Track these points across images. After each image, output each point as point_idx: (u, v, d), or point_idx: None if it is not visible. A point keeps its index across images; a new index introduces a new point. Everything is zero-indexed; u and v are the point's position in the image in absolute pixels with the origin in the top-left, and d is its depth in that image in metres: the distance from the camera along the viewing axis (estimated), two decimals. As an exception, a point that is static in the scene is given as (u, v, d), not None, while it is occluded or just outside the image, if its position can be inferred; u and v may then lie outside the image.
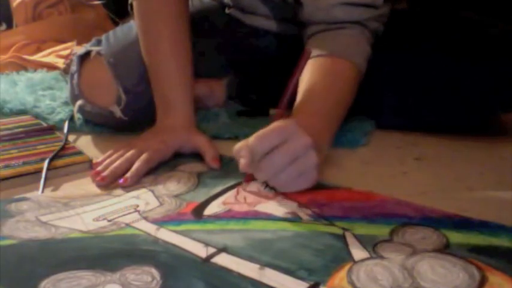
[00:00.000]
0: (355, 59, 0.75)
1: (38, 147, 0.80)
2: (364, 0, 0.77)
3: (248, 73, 0.98)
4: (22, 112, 1.00)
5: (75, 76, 0.86)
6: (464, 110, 0.81)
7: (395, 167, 0.72)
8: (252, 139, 0.57)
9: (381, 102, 0.86)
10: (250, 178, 0.63)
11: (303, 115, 0.66)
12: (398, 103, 0.85)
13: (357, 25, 0.78)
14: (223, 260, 0.48)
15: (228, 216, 0.57)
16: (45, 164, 0.71)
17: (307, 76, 0.73)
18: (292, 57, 0.86)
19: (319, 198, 0.59)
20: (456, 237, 0.50)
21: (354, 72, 0.75)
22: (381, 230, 0.52)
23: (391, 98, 0.85)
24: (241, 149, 0.58)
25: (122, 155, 0.70)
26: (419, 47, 0.85)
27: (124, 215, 0.58)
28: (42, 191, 0.66)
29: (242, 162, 0.58)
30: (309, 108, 0.68)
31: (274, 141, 0.56)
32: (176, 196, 0.63)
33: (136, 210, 0.59)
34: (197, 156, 0.75)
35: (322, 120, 0.67)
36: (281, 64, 0.97)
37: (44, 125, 0.92)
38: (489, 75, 0.79)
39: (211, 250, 0.49)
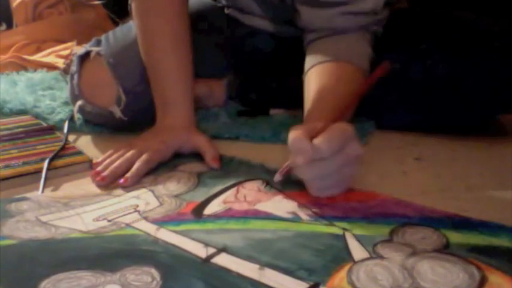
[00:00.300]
0: (360, 62, 0.75)
1: (38, 147, 0.80)
2: (364, 8, 0.77)
3: (248, 73, 0.98)
4: (22, 112, 1.00)
5: (75, 76, 0.86)
6: (464, 110, 0.81)
7: (396, 167, 0.72)
8: (320, 140, 0.54)
9: (381, 102, 0.86)
10: (287, 172, 0.60)
11: (317, 121, 0.65)
12: (399, 103, 0.85)
13: (357, 29, 0.78)
14: (223, 260, 0.48)
15: (228, 215, 0.57)
16: (45, 164, 0.71)
17: (316, 82, 0.72)
18: (291, 57, 0.87)
19: (319, 198, 0.59)
20: (456, 237, 0.50)
21: (359, 76, 0.74)
22: (381, 230, 0.52)
23: (391, 98, 0.85)
24: (299, 144, 0.55)
25: (122, 155, 0.70)
26: (419, 47, 0.85)
27: (124, 215, 0.58)
28: (42, 191, 0.66)
29: (299, 159, 0.55)
30: (321, 114, 0.66)
31: (337, 147, 0.55)
32: (176, 196, 0.63)
33: (136, 210, 0.59)
34: (197, 156, 0.75)
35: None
36: (281, 64, 0.98)
37: (44, 125, 0.92)
38: (489, 75, 0.79)
39: (211, 250, 0.49)
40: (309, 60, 0.77)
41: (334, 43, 0.77)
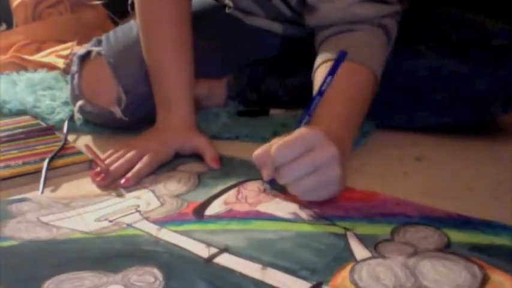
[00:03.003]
0: (375, 67, 0.73)
1: (38, 147, 0.80)
2: None
3: (248, 73, 0.98)
4: (22, 112, 1.00)
5: (76, 76, 0.86)
6: (464, 109, 0.81)
7: (396, 167, 0.72)
8: (274, 149, 0.54)
9: (381, 102, 0.86)
10: (272, 180, 0.60)
11: (327, 121, 0.64)
12: (398, 103, 0.85)
13: (373, 26, 0.75)
14: (225, 260, 0.48)
15: (229, 216, 0.57)
16: (45, 163, 0.71)
17: (318, 81, 0.70)
18: (292, 57, 0.86)
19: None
20: (457, 236, 0.50)
21: (373, 81, 0.72)
22: (382, 230, 0.52)
23: (391, 98, 0.85)
24: (262, 157, 0.57)
25: (122, 156, 0.70)
26: (419, 47, 0.85)
27: (125, 215, 0.58)
28: (42, 191, 0.66)
29: (264, 172, 0.58)
30: (333, 114, 0.65)
31: (296, 151, 0.54)
32: (177, 196, 0.63)
33: (138, 210, 0.59)
34: (197, 156, 0.75)
35: (345, 128, 0.65)
36: (282, 64, 0.97)
37: (44, 125, 0.92)
38: (489, 75, 0.79)
39: (213, 250, 0.49)
40: (318, 58, 0.75)
41: (345, 40, 0.75)
